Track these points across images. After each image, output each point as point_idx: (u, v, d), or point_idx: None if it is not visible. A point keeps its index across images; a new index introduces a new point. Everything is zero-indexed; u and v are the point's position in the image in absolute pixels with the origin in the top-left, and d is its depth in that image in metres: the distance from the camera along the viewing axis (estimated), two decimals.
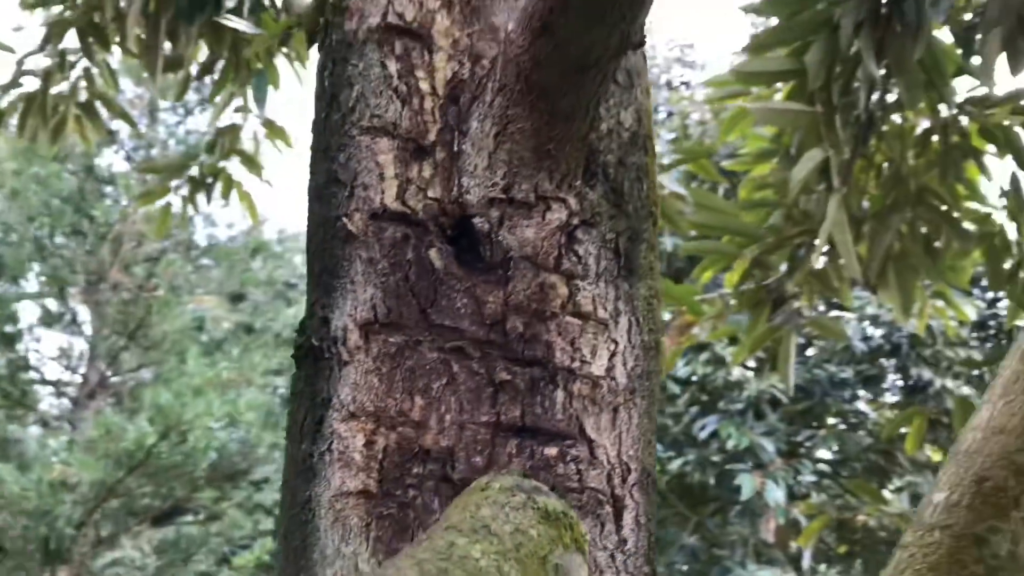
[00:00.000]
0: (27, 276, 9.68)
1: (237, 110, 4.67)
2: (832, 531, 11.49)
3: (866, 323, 12.45)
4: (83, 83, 4.09)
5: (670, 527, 12.41)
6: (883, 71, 3.02)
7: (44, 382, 10.62)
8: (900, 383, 13.31)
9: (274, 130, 4.66)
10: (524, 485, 0.87)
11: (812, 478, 12.72)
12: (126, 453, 7.76)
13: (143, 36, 3.98)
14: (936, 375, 12.00)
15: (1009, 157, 3.33)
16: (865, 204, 3.64)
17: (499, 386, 1.05)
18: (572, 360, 1.08)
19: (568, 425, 1.06)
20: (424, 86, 1.16)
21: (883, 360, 13.14)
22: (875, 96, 3.20)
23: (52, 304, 10.18)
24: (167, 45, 3.98)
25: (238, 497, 10.24)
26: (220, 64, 4.21)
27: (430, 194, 1.11)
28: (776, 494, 11.45)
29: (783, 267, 3.73)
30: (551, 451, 1.04)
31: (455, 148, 1.13)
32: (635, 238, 1.19)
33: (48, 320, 10.30)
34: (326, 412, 1.05)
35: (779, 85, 3.35)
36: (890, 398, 13.82)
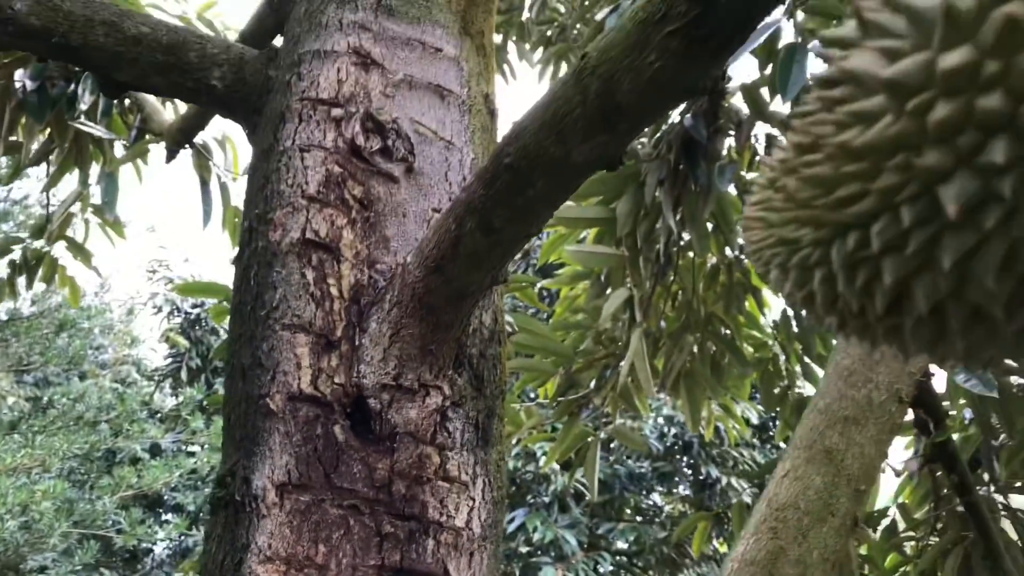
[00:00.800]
0: None
1: (76, 199, 4.74)
2: None
3: (661, 421, 13.37)
4: None
5: None
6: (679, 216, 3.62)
7: None
8: (691, 479, 14.27)
9: (113, 225, 4.77)
10: None
11: (611, 568, 13.32)
12: None
13: None
14: (722, 473, 13.02)
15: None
16: (662, 324, 4.24)
17: (384, 536, 1.36)
18: (441, 515, 1.41)
19: (436, 567, 1.38)
20: (334, 291, 1.48)
21: (677, 457, 14.07)
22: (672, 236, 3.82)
23: None
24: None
25: None
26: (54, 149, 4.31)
27: (336, 380, 1.42)
28: None
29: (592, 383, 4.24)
30: None
31: (356, 342, 1.46)
32: (491, 415, 1.54)
33: None
34: (245, 555, 1.32)
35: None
36: (683, 492, 14.77)
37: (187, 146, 3.85)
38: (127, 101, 4.35)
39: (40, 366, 10.52)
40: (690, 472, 14.73)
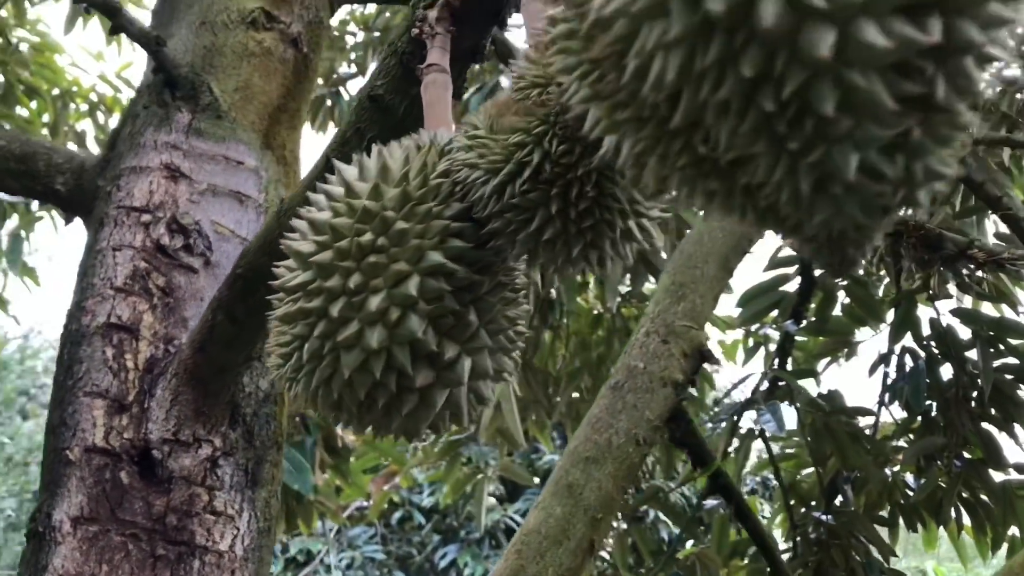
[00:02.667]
0: None
1: None
2: None
3: None
4: None
5: None
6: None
7: None
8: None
9: (29, 273, 5.14)
10: None
11: None
12: None
13: None
14: (650, 507, 13.37)
15: None
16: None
17: (158, 558, 1.75)
18: (207, 541, 1.80)
19: None
20: (130, 364, 1.88)
21: None
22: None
23: None
24: None
25: None
26: None
27: (126, 436, 1.82)
28: None
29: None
30: None
31: (145, 405, 1.86)
32: (260, 461, 1.95)
33: None
34: (43, 574, 1.70)
35: None
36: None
37: None
38: None
39: None
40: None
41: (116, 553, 1.73)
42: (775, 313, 4.20)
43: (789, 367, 4.15)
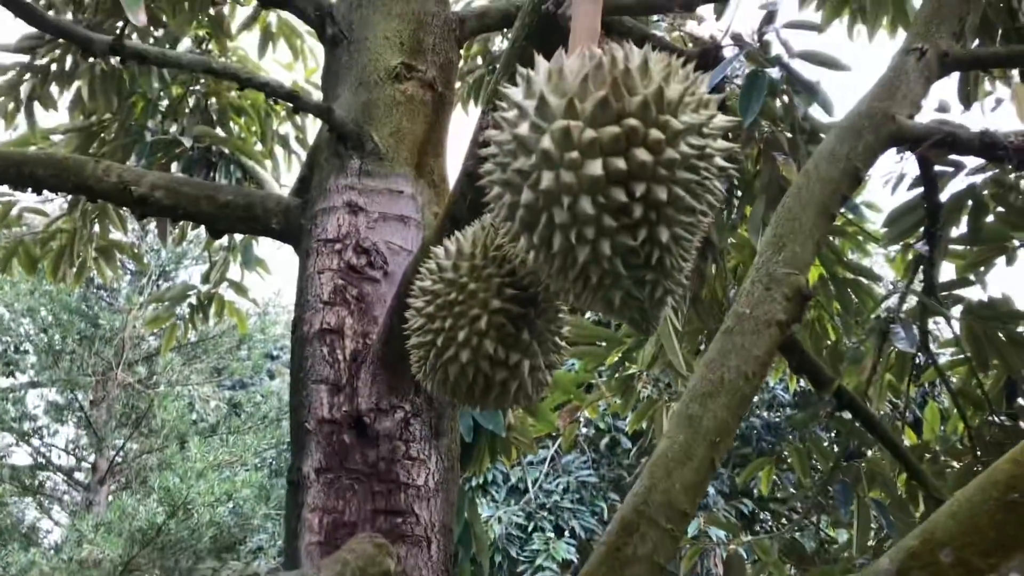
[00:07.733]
0: (41, 377, 11.00)
1: (228, 253, 6.16)
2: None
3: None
4: (96, 228, 5.55)
5: None
6: None
7: (57, 470, 11.94)
8: (824, 426, 14.65)
9: (259, 264, 6.16)
10: (371, 535, 2.29)
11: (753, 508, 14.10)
12: (140, 531, 9.04)
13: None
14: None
15: None
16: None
17: (375, 493, 2.47)
18: (408, 479, 2.51)
19: (406, 507, 2.49)
20: (340, 357, 2.60)
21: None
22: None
23: (62, 401, 11.54)
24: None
25: (236, 566, 11.47)
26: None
27: (344, 409, 2.55)
28: (719, 534, 12.75)
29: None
30: (399, 520, 2.47)
31: (354, 385, 2.58)
32: (441, 418, 2.63)
33: (59, 417, 11.66)
34: (301, 509, 2.47)
35: None
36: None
37: None
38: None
39: (228, 376, 12.42)
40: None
41: (347, 491, 2.47)
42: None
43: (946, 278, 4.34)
